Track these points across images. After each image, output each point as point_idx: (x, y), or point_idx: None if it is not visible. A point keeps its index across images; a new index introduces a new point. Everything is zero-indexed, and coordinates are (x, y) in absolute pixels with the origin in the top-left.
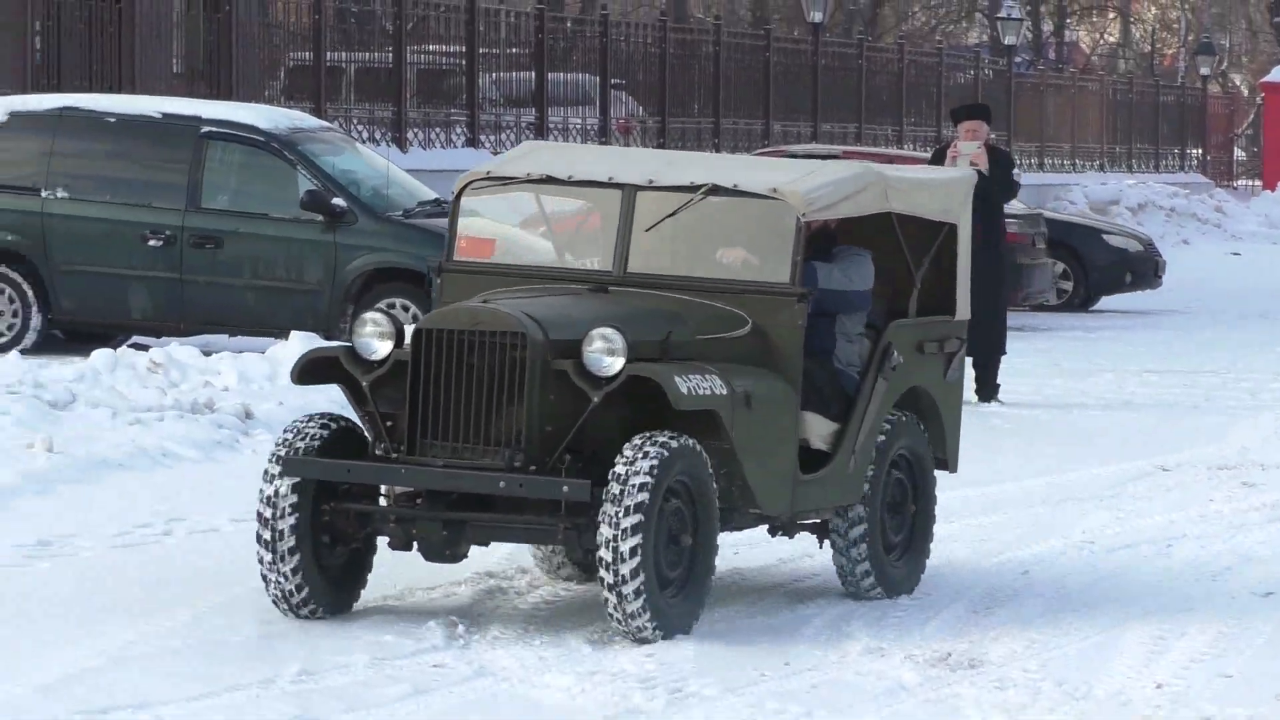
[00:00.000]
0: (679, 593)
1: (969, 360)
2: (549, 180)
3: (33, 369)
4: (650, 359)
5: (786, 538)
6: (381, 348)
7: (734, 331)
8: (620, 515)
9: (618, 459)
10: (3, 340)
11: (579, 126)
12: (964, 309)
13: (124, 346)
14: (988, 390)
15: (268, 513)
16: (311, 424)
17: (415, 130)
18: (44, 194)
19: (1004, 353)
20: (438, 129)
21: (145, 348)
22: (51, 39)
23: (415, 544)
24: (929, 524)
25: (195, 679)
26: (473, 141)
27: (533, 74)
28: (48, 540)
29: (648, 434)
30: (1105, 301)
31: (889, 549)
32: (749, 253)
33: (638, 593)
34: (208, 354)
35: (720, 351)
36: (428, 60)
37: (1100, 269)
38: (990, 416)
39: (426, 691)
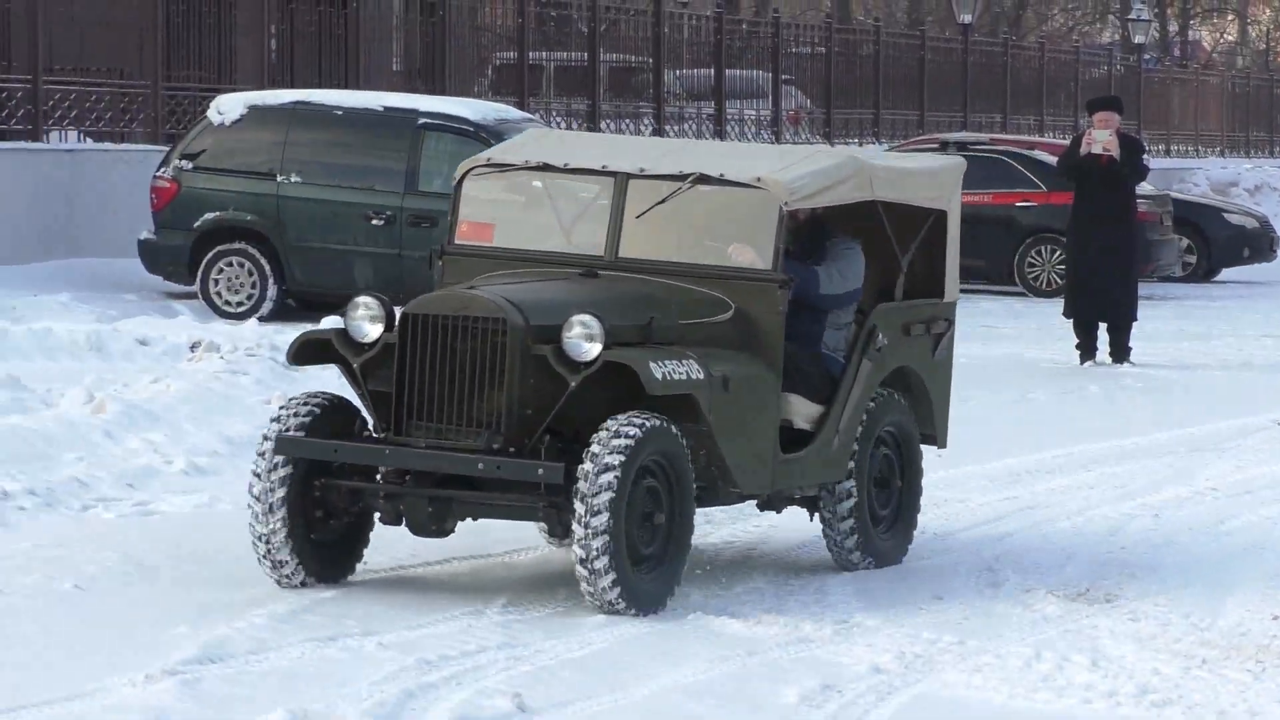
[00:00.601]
0: (654, 569)
1: (1103, 326)
2: (546, 167)
3: (269, 334)
4: (633, 344)
5: (775, 513)
6: (372, 330)
7: (717, 316)
8: (592, 494)
9: (593, 439)
10: (243, 309)
11: (753, 117)
12: (952, 291)
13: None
14: (1121, 353)
15: (258, 488)
16: (307, 403)
17: (607, 121)
18: (279, 179)
19: (1135, 319)
20: (627, 120)
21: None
22: (286, 41)
23: (403, 519)
24: (916, 497)
25: (413, 609)
26: (658, 132)
27: (712, 71)
28: None
29: (623, 415)
30: (1225, 273)
31: (876, 522)
32: (726, 239)
33: (607, 568)
34: None
35: (703, 336)
36: (618, 59)
37: (1221, 244)
38: (1123, 377)
39: (618, 623)
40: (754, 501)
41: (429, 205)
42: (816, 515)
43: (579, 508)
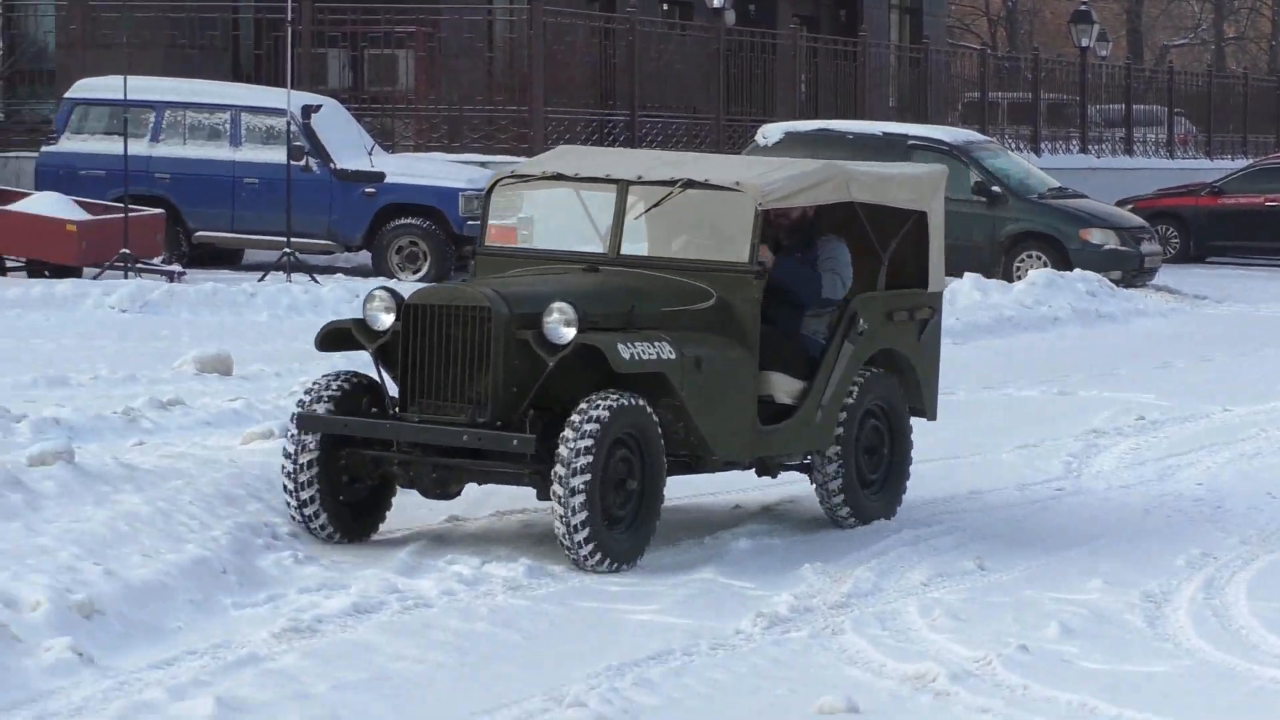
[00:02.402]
0: (627, 529)
1: None
2: (559, 177)
3: None
4: (614, 329)
5: (770, 477)
6: (385, 319)
7: (698, 304)
8: (570, 460)
9: (573, 413)
10: None
11: (1153, 140)
12: (937, 282)
13: None
14: None
15: (289, 464)
16: (332, 382)
17: (1045, 143)
18: None
19: None
20: (1059, 141)
21: None
22: (812, 85)
23: (414, 484)
24: (905, 463)
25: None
26: (1084, 150)
27: (1123, 106)
28: None
29: (594, 396)
30: None
31: (865, 485)
32: (711, 237)
33: (583, 526)
34: None
35: (685, 321)
36: (1053, 96)
37: None
38: None
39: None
40: (751, 469)
41: None
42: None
43: (559, 471)
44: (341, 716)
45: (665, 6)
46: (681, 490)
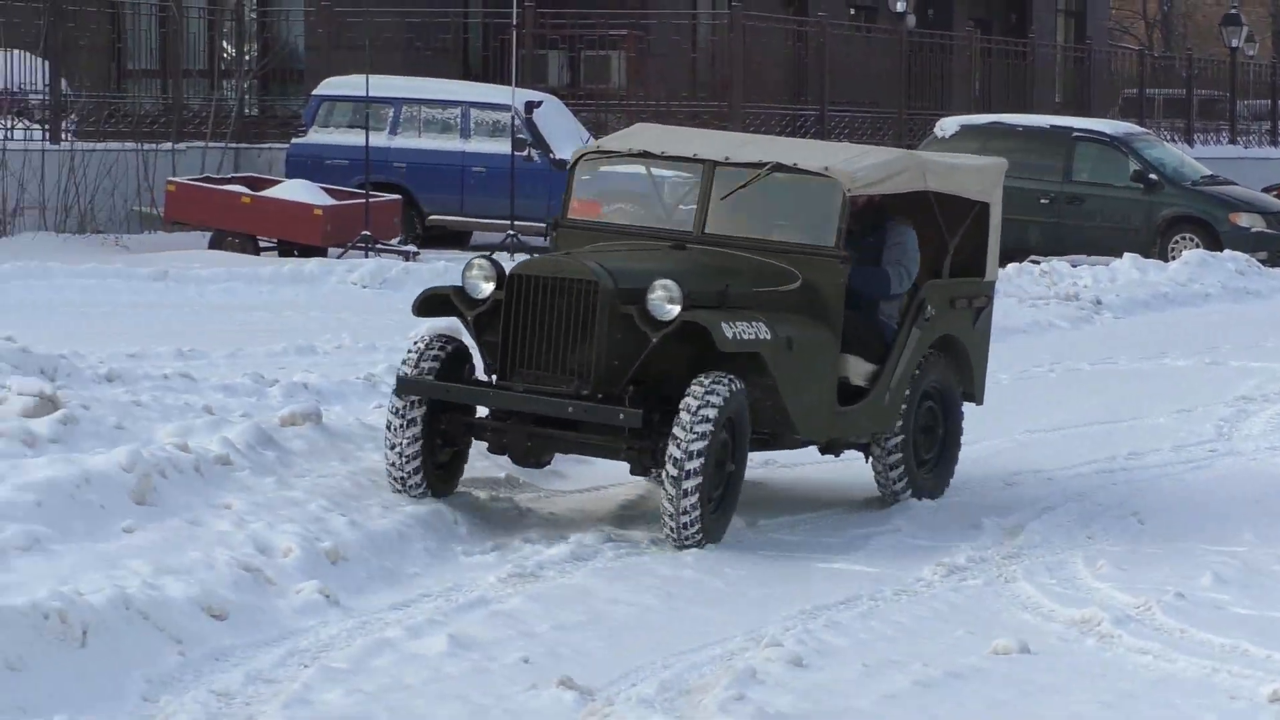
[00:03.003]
0: (717, 509)
1: None
2: (645, 155)
3: None
4: (710, 307)
5: (834, 456)
6: (485, 288)
7: (786, 286)
8: (688, 442)
9: (688, 393)
10: None
11: None
12: (993, 272)
13: (1026, 262)
14: None
15: (394, 421)
16: (431, 346)
17: (1197, 134)
18: None
19: None
20: (1210, 133)
21: (1037, 262)
22: (985, 82)
23: (506, 450)
24: (956, 443)
25: None
26: (1233, 140)
27: (1269, 100)
28: None
29: (712, 374)
30: None
31: (920, 464)
32: (798, 220)
33: (693, 507)
34: (1074, 266)
35: (773, 302)
36: (1205, 92)
37: None
38: None
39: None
40: (815, 447)
41: (1079, 190)
42: (869, 457)
43: (674, 452)
44: (561, 654)
45: (852, 11)
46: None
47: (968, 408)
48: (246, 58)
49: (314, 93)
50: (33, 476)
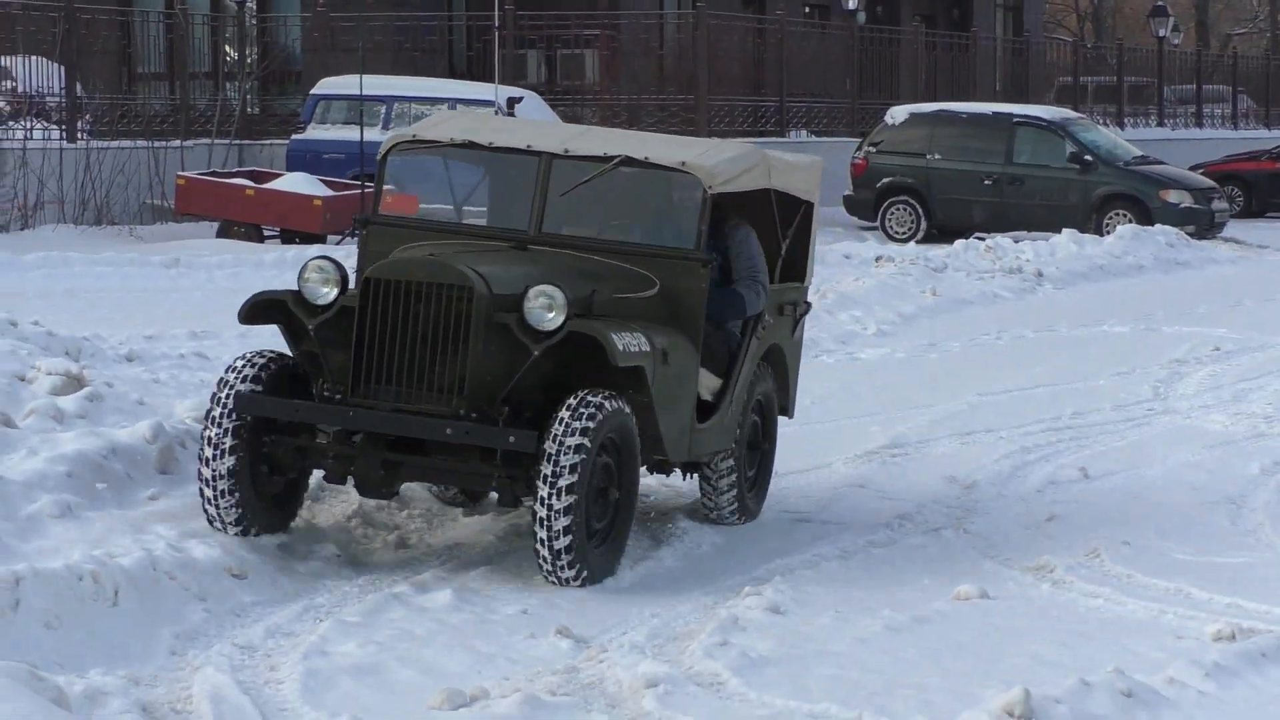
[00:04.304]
0: (603, 542)
1: None
2: (470, 145)
3: (921, 250)
4: (580, 315)
5: (665, 476)
6: (328, 293)
7: (644, 292)
8: (556, 473)
9: (555, 418)
10: (905, 236)
11: (1219, 114)
12: (810, 276)
13: (972, 238)
14: None
15: (209, 452)
16: (253, 363)
17: (1127, 119)
18: (927, 157)
19: None
20: (1140, 117)
21: (982, 238)
22: (931, 73)
23: (351, 479)
24: (772, 460)
25: None
26: (1160, 124)
27: (1194, 85)
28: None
29: (583, 393)
30: None
31: (744, 481)
32: (652, 220)
33: (568, 548)
34: (1016, 241)
35: (631, 310)
36: (1135, 79)
37: None
38: None
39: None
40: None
41: (1019, 171)
42: (693, 476)
43: (542, 489)
44: (558, 605)
45: (807, 9)
46: None
47: None
48: (248, 60)
49: (311, 92)
50: (63, 449)
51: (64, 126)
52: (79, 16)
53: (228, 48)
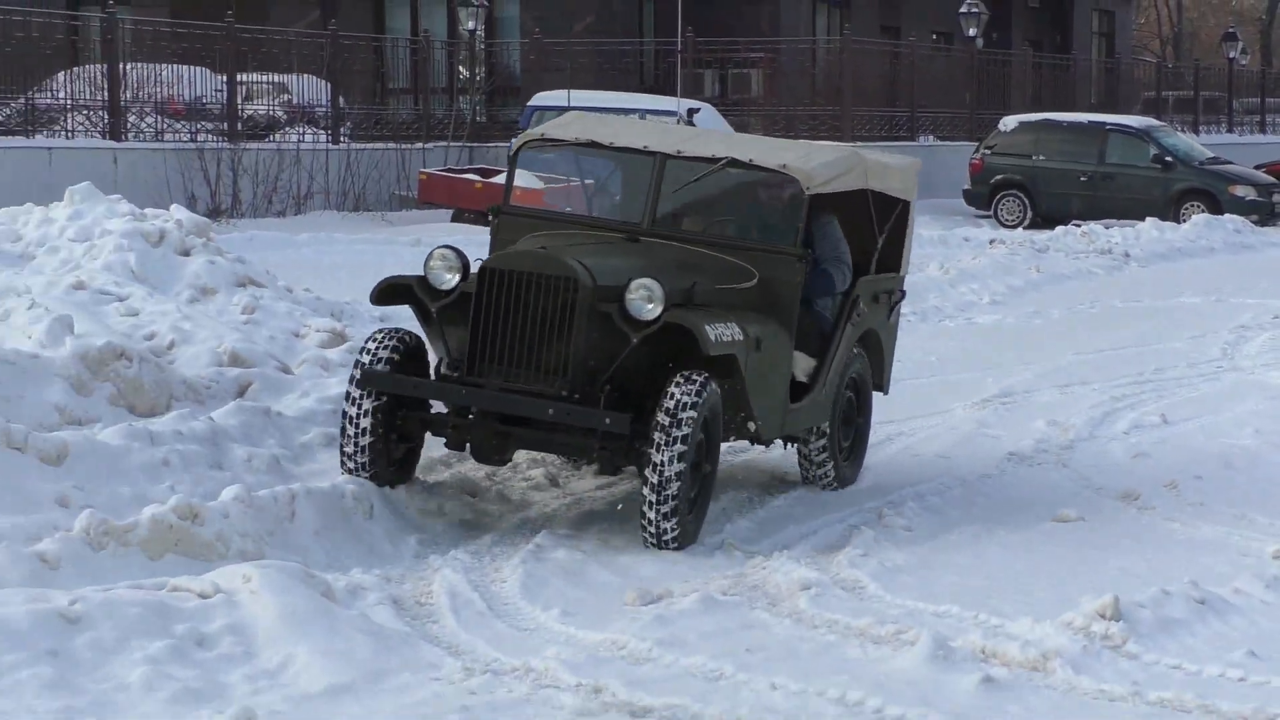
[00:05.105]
0: (692, 510)
1: None
2: (593, 145)
3: (1028, 235)
4: (679, 305)
5: (764, 447)
6: (450, 279)
7: (743, 283)
8: (669, 444)
9: (668, 394)
10: (1014, 223)
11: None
12: (906, 267)
13: (1070, 225)
14: None
15: (350, 413)
16: (387, 340)
17: (1202, 126)
18: (1033, 158)
19: None
20: (1213, 125)
21: (1079, 225)
22: (1036, 87)
23: (468, 446)
24: (867, 432)
25: None
26: (1230, 130)
27: (1259, 98)
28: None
29: (688, 375)
30: None
31: (839, 452)
32: (755, 217)
33: (673, 511)
34: (1107, 228)
35: (731, 299)
36: (1208, 93)
37: None
38: None
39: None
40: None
41: (1110, 170)
42: (792, 445)
43: (655, 456)
44: (723, 528)
45: (934, 36)
46: None
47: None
48: (477, 78)
49: (528, 104)
50: (329, 392)
51: (329, 132)
52: (342, 42)
53: (461, 67)
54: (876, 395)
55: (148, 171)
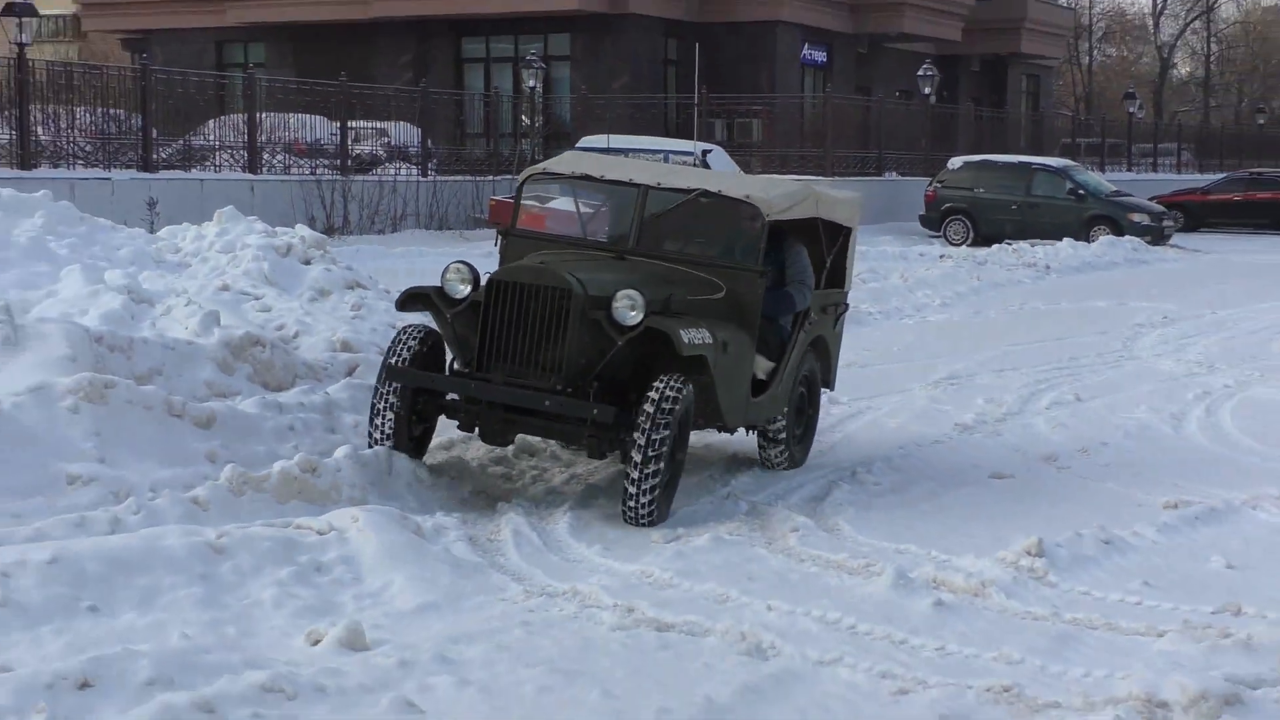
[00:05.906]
0: (663, 492)
1: None
2: (586, 178)
3: (971, 252)
4: (658, 312)
5: (729, 434)
6: (463, 290)
7: (713, 295)
8: (652, 435)
9: (652, 393)
10: (959, 242)
11: (1169, 162)
12: (849, 283)
13: (1004, 244)
14: None
15: (379, 404)
16: (412, 337)
17: (1107, 166)
18: (975, 190)
19: None
20: (1115, 165)
21: (1010, 244)
22: (978, 132)
23: (476, 429)
24: (815, 421)
25: None
26: (1129, 169)
27: (1152, 143)
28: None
29: (670, 376)
30: None
31: (792, 438)
32: (722, 239)
33: (652, 491)
34: (1033, 246)
35: (702, 308)
36: (1111, 139)
37: None
38: None
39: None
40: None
41: (1035, 200)
42: (752, 433)
43: (639, 439)
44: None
45: (897, 94)
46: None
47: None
48: (536, 125)
49: (576, 144)
50: None
51: (420, 167)
52: (430, 96)
53: (524, 116)
54: (841, 381)
55: (278, 198)
